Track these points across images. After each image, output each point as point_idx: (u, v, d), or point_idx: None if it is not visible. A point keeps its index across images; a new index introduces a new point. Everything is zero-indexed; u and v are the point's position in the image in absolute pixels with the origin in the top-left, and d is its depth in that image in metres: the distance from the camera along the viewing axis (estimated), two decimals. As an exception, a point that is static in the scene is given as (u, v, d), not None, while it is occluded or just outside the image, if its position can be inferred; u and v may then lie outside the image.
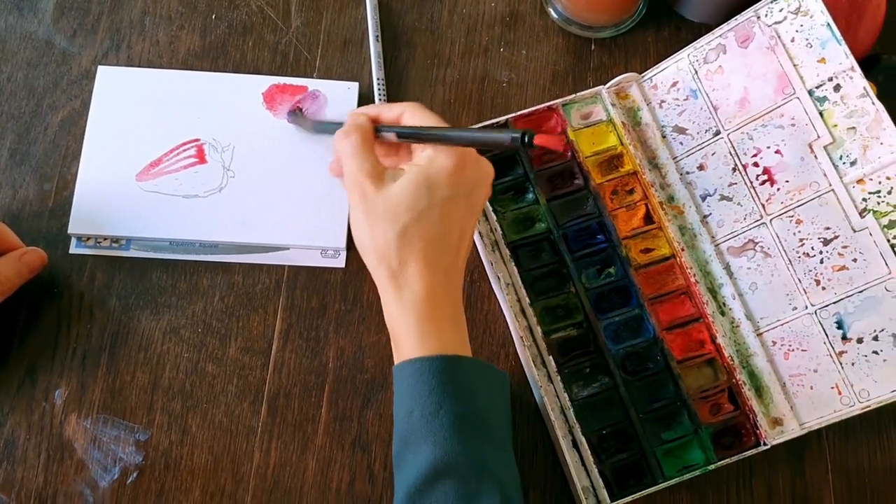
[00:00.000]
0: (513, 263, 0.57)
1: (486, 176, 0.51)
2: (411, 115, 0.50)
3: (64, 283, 0.57)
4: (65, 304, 0.57)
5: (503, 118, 0.61)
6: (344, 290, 0.59)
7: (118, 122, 0.61)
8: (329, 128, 0.57)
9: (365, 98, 0.63)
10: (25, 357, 0.56)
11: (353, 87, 0.62)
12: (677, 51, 0.64)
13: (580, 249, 0.59)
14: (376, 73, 0.63)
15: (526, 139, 0.43)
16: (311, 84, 0.62)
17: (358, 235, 0.49)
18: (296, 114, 0.60)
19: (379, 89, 0.63)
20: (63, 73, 0.63)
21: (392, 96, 0.63)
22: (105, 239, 0.59)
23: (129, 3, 0.65)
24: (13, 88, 0.62)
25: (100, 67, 0.62)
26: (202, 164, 0.60)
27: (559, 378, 0.55)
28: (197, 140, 0.60)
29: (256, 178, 0.60)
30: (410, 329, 0.47)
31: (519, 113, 0.61)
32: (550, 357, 0.55)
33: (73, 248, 0.58)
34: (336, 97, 0.62)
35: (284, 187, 0.60)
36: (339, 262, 0.59)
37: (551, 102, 0.61)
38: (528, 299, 0.57)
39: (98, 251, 0.58)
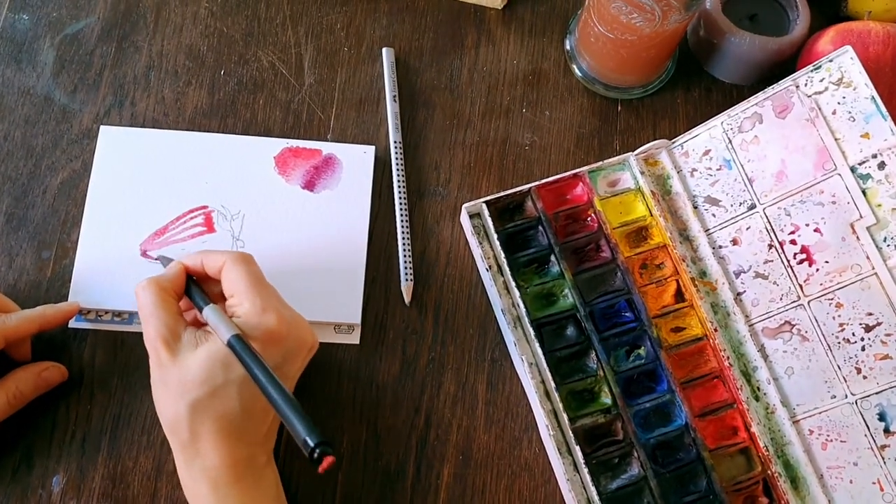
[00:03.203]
0: (537, 343, 0.55)
1: (302, 346, 0.48)
2: (228, 270, 0.47)
3: (63, 360, 0.54)
4: (63, 383, 0.54)
5: (526, 186, 0.58)
6: (358, 368, 0.56)
7: (121, 186, 0.58)
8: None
9: (382, 162, 0.60)
10: (21, 440, 0.53)
11: (369, 151, 0.59)
12: (708, 113, 0.61)
13: (608, 329, 0.56)
14: (393, 136, 0.60)
15: (316, 454, 0.40)
16: (326, 147, 0.59)
17: (154, 398, 0.47)
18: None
19: (396, 153, 0.60)
20: (63, 132, 0.60)
21: (410, 160, 0.60)
22: (107, 313, 0.55)
23: (132, 57, 0.62)
24: (10, 148, 0.59)
25: (102, 127, 0.59)
26: (210, 233, 0.57)
27: (586, 469, 0.52)
28: (205, 207, 0.57)
29: (267, 248, 0.57)
30: (206, 497, 0.45)
31: (543, 181, 0.58)
32: (577, 447, 0.52)
33: (73, 322, 0.55)
34: (352, 162, 0.59)
35: (296, 259, 0.57)
36: (354, 338, 0.56)
37: (577, 170, 0.58)
38: (552, 382, 0.54)
39: (99, 325, 0.55)
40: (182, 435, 0.46)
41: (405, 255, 0.58)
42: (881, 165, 0.52)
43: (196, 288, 0.49)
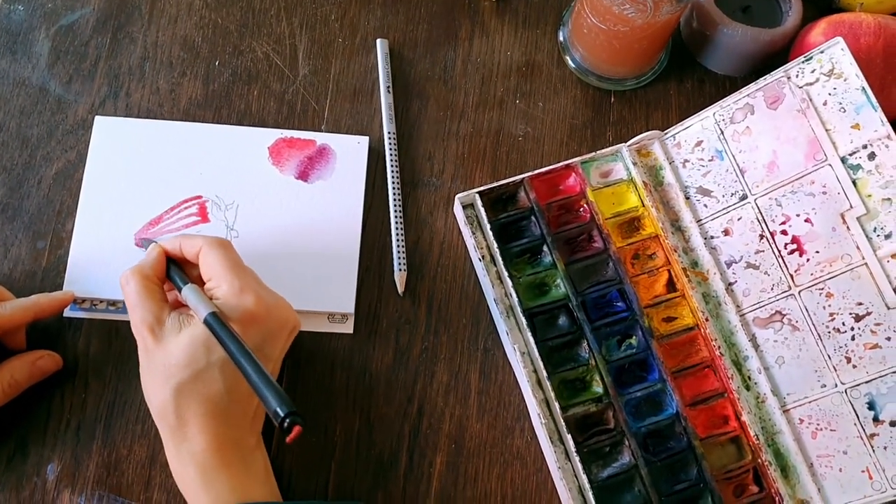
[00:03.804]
0: (529, 333, 0.55)
1: (283, 327, 0.48)
2: (206, 254, 0.48)
3: (57, 348, 0.54)
4: (58, 372, 0.54)
5: (520, 177, 0.58)
6: (351, 357, 0.56)
7: (116, 176, 0.58)
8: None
9: (376, 152, 0.60)
10: (16, 429, 0.53)
11: (363, 142, 0.60)
12: (700, 104, 0.62)
13: (599, 318, 0.56)
14: (387, 126, 0.60)
15: (286, 423, 0.40)
16: (320, 138, 0.60)
17: (142, 386, 0.48)
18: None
19: (390, 144, 0.60)
20: (58, 123, 0.60)
21: (404, 150, 0.61)
22: (101, 302, 0.56)
23: (128, 48, 0.62)
24: (5, 138, 0.59)
25: (97, 118, 0.59)
26: (204, 222, 0.57)
27: (578, 458, 0.52)
28: (199, 197, 0.58)
29: (261, 238, 0.57)
30: (195, 481, 0.45)
31: (536, 172, 0.58)
32: (569, 435, 0.53)
33: (68, 311, 0.55)
34: (346, 153, 0.59)
35: (290, 248, 0.57)
36: (347, 327, 0.57)
37: (569, 161, 0.59)
38: (544, 372, 0.54)
39: (94, 315, 0.56)
40: (169, 420, 0.46)
41: (398, 245, 0.58)
42: (871, 156, 0.52)
43: (176, 269, 0.49)
